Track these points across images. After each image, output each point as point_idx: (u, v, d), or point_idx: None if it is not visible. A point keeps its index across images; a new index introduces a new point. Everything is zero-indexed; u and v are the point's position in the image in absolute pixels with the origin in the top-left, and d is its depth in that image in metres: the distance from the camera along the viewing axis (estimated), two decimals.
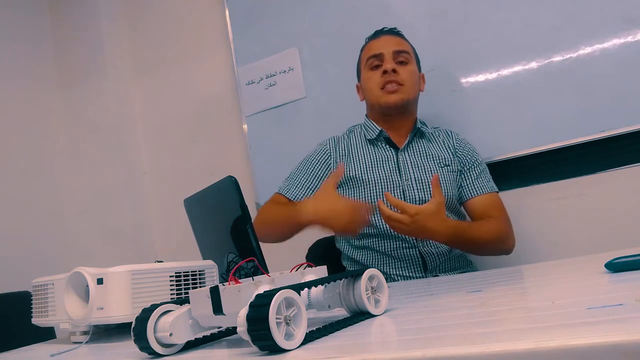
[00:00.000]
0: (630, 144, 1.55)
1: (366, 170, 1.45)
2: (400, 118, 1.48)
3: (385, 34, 1.52)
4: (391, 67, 1.43)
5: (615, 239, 1.51)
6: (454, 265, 1.41)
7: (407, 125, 1.50)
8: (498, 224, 1.39)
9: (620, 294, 0.59)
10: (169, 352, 0.65)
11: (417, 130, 1.50)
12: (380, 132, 1.49)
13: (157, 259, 1.10)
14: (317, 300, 0.68)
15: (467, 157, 1.48)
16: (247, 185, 2.11)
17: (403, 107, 1.46)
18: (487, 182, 1.46)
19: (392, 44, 1.49)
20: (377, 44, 1.50)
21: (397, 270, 1.40)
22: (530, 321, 0.51)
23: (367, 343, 0.57)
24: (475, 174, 1.46)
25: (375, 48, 1.49)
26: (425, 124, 1.55)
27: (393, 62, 1.45)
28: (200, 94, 2.34)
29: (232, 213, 1.04)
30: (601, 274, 0.73)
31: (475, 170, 1.47)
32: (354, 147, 1.51)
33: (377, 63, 1.48)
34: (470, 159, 1.48)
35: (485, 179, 1.47)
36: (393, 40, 1.50)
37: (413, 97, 1.48)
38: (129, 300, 0.84)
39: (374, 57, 1.48)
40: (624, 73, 1.54)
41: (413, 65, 1.50)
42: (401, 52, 1.47)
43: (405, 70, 1.46)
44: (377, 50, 1.48)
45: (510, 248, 1.42)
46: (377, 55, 1.48)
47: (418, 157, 1.47)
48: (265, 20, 2.15)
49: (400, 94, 1.44)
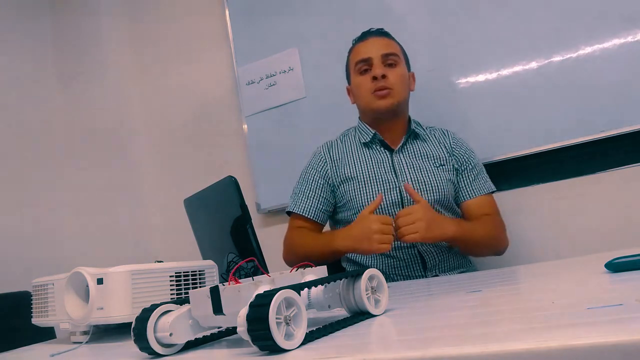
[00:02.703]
0: (630, 144, 1.55)
1: (362, 173, 1.45)
2: (392, 120, 1.48)
3: (372, 35, 1.50)
4: (380, 73, 1.42)
5: (615, 239, 1.51)
6: (454, 264, 1.42)
7: (400, 127, 1.50)
8: (493, 224, 1.41)
9: (620, 294, 0.59)
10: (169, 352, 0.65)
11: (411, 131, 1.50)
12: (374, 135, 1.49)
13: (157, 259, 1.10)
14: (317, 300, 0.68)
15: (463, 157, 1.48)
16: (247, 185, 2.11)
17: (394, 110, 1.46)
18: (484, 184, 1.47)
19: (380, 46, 1.47)
20: (365, 48, 1.48)
21: (396, 270, 1.40)
22: (530, 321, 0.51)
23: (367, 343, 0.57)
24: (472, 176, 1.46)
25: (363, 52, 1.48)
26: (419, 124, 1.55)
27: (382, 66, 1.44)
28: (200, 94, 2.34)
29: (232, 213, 1.04)
30: (601, 274, 0.73)
31: (472, 172, 1.47)
32: (349, 151, 1.52)
33: (366, 67, 1.46)
34: (466, 160, 1.48)
35: (482, 180, 1.47)
36: (381, 42, 1.48)
37: (403, 99, 1.47)
38: (129, 300, 0.84)
39: (363, 62, 1.47)
40: (624, 73, 1.54)
41: (402, 66, 1.48)
42: (389, 54, 1.46)
43: (395, 73, 1.45)
44: (365, 55, 1.47)
45: (503, 249, 1.44)
46: (365, 60, 1.46)
47: (413, 158, 1.46)
48: (265, 20, 2.15)
49: (391, 99, 1.43)
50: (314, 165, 1.53)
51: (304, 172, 1.55)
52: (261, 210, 2.11)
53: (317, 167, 1.52)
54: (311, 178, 1.51)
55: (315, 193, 1.48)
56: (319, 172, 1.51)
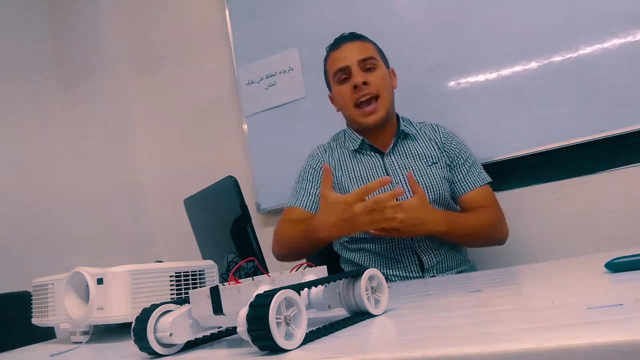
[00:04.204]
0: (630, 144, 1.55)
1: (355, 180, 1.45)
2: (381, 128, 1.46)
3: (345, 41, 1.48)
4: (361, 81, 1.40)
5: (615, 239, 1.51)
6: (451, 265, 1.41)
7: (389, 129, 1.49)
8: (490, 214, 1.40)
9: (620, 294, 0.59)
10: (169, 352, 0.65)
11: (400, 132, 1.48)
12: (363, 141, 1.48)
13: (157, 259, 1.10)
14: (317, 300, 0.68)
15: (454, 151, 1.47)
16: (247, 185, 2.11)
17: (382, 123, 1.44)
18: (478, 175, 1.45)
19: (356, 52, 1.44)
20: (340, 55, 1.46)
21: (394, 271, 1.40)
22: (530, 321, 0.51)
23: (367, 343, 0.57)
24: (465, 170, 1.45)
25: (340, 60, 1.45)
26: (410, 122, 1.54)
27: (361, 72, 1.42)
28: (200, 94, 2.34)
29: (232, 213, 1.04)
30: (601, 274, 0.73)
31: (465, 166, 1.46)
32: (340, 158, 1.51)
33: (345, 76, 1.44)
34: (458, 154, 1.47)
35: (475, 172, 1.46)
36: (356, 48, 1.45)
37: (389, 104, 1.46)
38: (129, 300, 0.84)
39: (341, 71, 1.45)
40: (624, 73, 1.54)
41: (381, 68, 1.46)
42: (366, 59, 1.43)
43: (375, 76, 1.42)
44: (342, 63, 1.44)
45: (503, 238, 1.43)
46: (343, 69, 1.44)
47: (405, 159, 1.46)
48: (265, 20, 2.14)
49: (379, 113, 1.42)
50: (313, 166, 1.53)
51: (303, 172, 1.54)
52: (261, 210, 2.11)
53: (316, 167, 1.52)
54: (311, 177, 1.51)
55: (316, 190, 1.47)
56: (318, 172, 1.51)
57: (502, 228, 1.42)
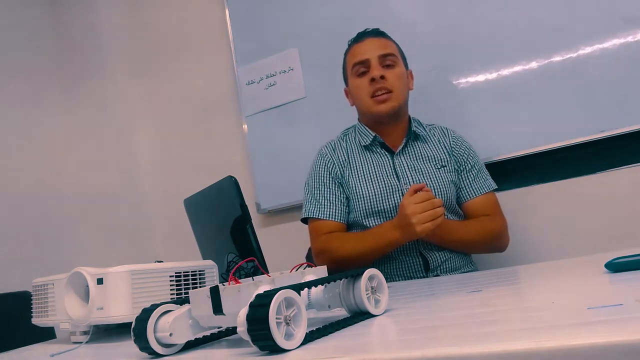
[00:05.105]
0: (630, 144, 1.55)
1: (364, 177, 1.45)
2: (393, 123, 1.47)
3: (368, 36, 1.49)
4: (379, 74, 1.41)
5: (615, 239, 1.51)
6: (456, 265, 1.41)
7: (401, 128, 1.49)
8: (490, 223, 1.40)
9: (620, 294, 0.59)
10: (169, 352, 0.65)
11: (411, 132, 1.49)
12: (375, 138, 1.48)
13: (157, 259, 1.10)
14: (317, 300, 0.68)
15: (463, 156, 1.48)
16: (247, 185, 2.10)
17: (394, 114, 1.45)
18: (484, 182, 1.46)
19: (377, 47, 1.46)
20: (362, 49, 1.47)
21: (398, 271, 1.39)
22: (530, 321, 0.51)
23: (367, 343, 0.57)
24: (472, 176, 1.46)
25: (360, 54, 1.46)
26: (420, 123, 1.54)
27: (380, 67, 1.43)
28: (200, 94, 2.34)
29: (232, 213, 1.04)
30: (601, 274, 0.73)
31: (472, 172, 1.46)
32: (350, 154, 1.51)
33: (364, 70, 1.45)
34: (465, 159, 1.47)
35: (482, 179, 1.46)
36: (377, 43, 1.47)
37: (403, 100, 1.47)
38: (129, 300, 0.84)
39: (360, 64, 1.46)
40: (624, 73, 1.54)
41: (400, 66, 1.47)
42: (387, 55, 1.45)
43: (393, 74, 1.44)
44: (362, 57, 1.45)
45: (503, 246, 1.43)
46: (362, 62, 1.45)
47: (414, 160, 1.46)
48: (265, 20, 2.15)
49: (391, 102, 1.43)
50: (325, 166, 1.50)
51: (316, 175, 1.51)
52: (261, 210, 2.11)
53: (328, 168, 1.50)
54: (327, 181, 1.48)
55: (335, 196, 1.46)
56: (330, 174, 1.49)
57: (502, 237, 1.42)
